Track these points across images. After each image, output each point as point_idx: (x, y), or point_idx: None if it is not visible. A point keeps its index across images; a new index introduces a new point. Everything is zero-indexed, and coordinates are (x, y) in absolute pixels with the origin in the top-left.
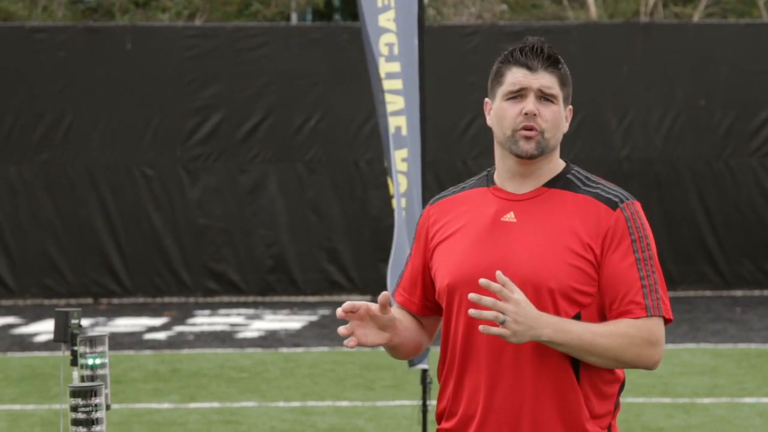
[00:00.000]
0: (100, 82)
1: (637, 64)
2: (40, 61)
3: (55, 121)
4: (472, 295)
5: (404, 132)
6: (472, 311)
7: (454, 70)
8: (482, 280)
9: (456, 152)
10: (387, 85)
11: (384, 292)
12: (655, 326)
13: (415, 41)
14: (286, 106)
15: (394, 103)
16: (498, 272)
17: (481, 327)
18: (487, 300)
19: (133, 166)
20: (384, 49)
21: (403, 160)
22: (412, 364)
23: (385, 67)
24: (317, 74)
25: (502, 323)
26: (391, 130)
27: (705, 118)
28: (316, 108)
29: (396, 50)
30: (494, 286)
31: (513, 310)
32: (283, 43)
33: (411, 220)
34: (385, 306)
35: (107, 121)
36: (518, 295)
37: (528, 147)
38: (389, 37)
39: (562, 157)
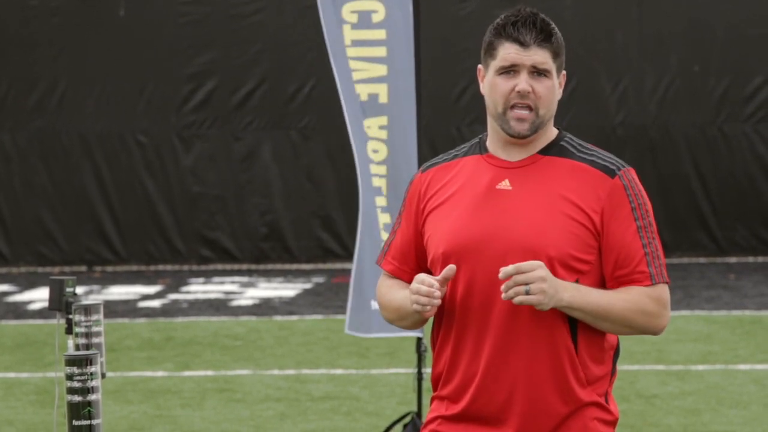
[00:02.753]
0: (94, 49)
1: (631, 29)
2: (34, 28)
3: (48, 89)
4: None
5: (383, 99)
6: (505, 294)
7: (448, 37)
8: (502, 270)
9: (450, 119)
10: (356, 52)
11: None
12: (663, 292)
13: (410, 8)
14: (281, 73)
15: (367, 70)
16: (501, 270)
17: (517, 299)
18: (508, 270)
19: (127, 133)
20: (350, 17)
21: (381, 127)
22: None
23: (351, 34)
24: (311, 41)
25: (527, 293)
26: (363, 97)
27: (699, 84)
28: (311, 75)
29: (376, 18)
30: (509, 269)
31: (541, 276)
32: (277, 9)
33: (395, 187)
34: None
35: (101, 88)
36: (537, 268)
37: (521, 128)
38: (362, 5)
39: (555, 124)
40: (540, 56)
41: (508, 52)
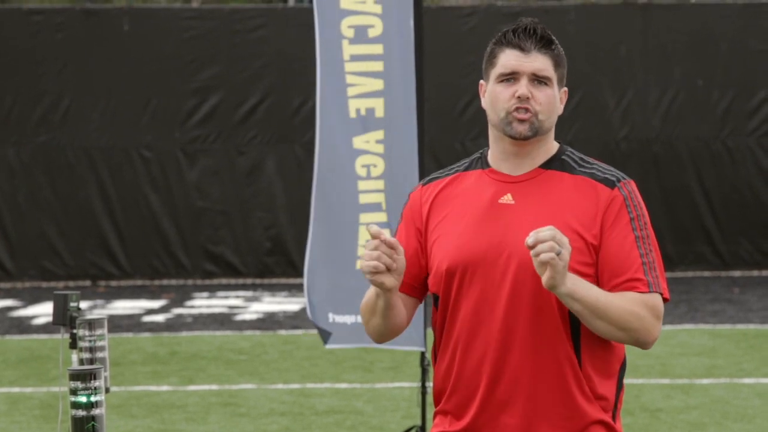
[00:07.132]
0: (98, 64)
1: (635, 44)
2: (38, 43)
3: (53, 103)
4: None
5: (379, 114)
6: (528, 240)
7: (451, 51)
8: (529, 240)
9: (454, 133)
10: (354, 67)
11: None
12: (658, 302)
13: (410, 23)
14: (284, 87)
15: (364, 84)
16: (532, 234)
17: (547, 256)
18: (546, 234)
19: (131, 148)
20: (348, 32)
21: (378, 141)
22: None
23: (349, 49)
24: (315, 56)
25: (558, 254)
26: (362, 112)
27: (703, 98)
28: (314, 89)
29: (373, 33)
30: (544, 233)
31: (566, 245)
32: (280, 24)
33: (394, 202)
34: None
35: (105, 103)
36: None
37: (521, 128)
38: (359, 19)
39: (559, 138)
40: (540, 62)
41: (508, 58)
